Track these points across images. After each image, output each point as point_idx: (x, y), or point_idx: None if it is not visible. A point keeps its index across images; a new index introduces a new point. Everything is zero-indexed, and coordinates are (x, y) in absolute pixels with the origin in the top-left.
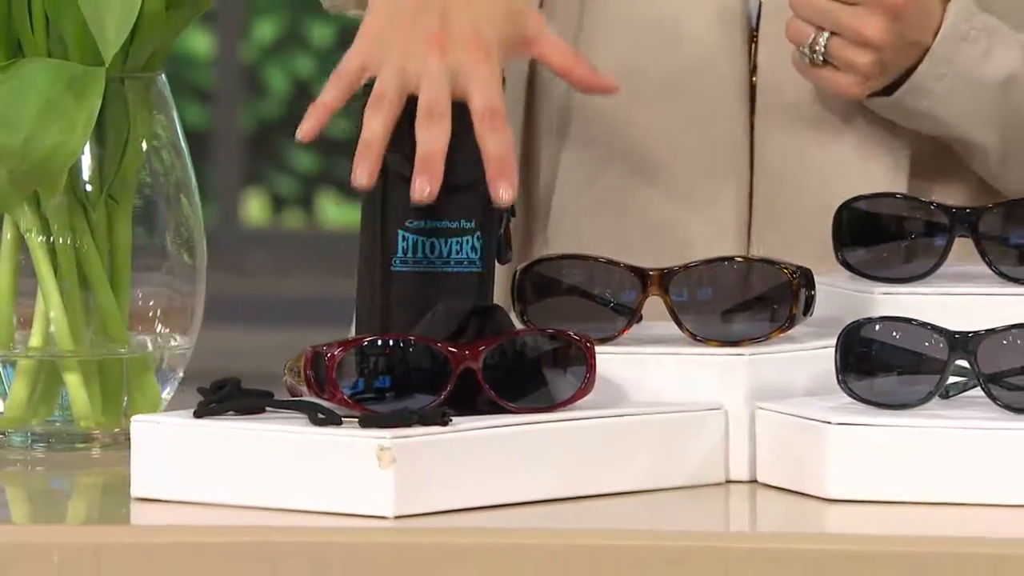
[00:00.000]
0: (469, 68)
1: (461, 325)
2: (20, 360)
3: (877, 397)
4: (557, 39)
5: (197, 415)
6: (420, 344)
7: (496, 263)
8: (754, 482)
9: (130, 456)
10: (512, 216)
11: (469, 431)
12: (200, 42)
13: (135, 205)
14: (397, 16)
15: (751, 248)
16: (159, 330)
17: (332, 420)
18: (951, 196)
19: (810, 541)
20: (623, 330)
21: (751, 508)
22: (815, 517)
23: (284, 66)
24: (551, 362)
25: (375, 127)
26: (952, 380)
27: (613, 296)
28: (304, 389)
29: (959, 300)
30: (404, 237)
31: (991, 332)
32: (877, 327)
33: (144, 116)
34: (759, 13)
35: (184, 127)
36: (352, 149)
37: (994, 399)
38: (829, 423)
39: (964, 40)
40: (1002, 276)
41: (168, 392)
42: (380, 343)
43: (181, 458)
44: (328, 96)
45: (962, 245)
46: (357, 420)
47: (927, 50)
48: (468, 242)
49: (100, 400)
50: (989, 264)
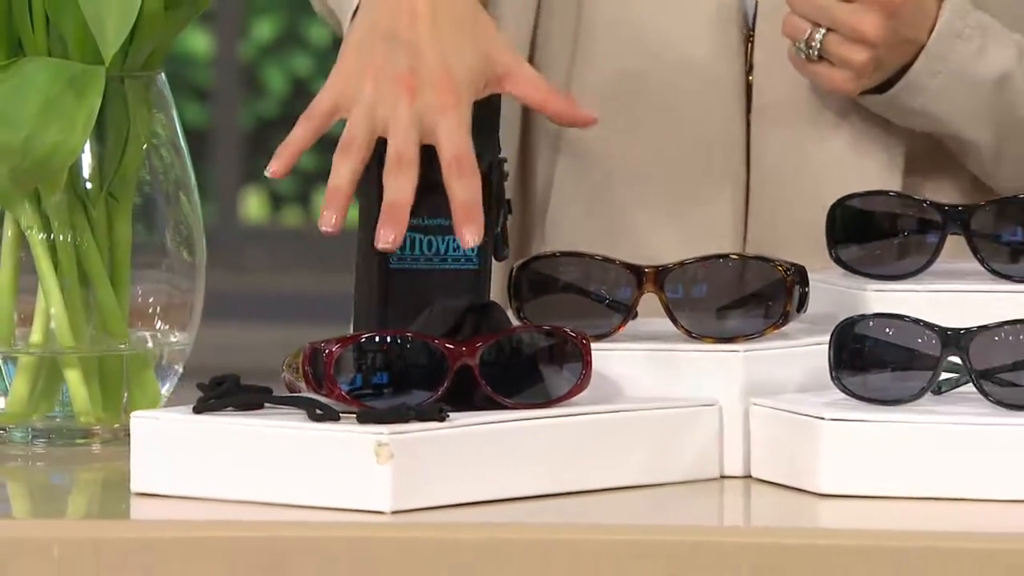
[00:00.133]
0: (438, 114)
1: (458, 322)
2: (21, 356)
3: (870, 393)
4: (530, 74)
5: (196, 411)
6: (417, 340)
7: (493, 260)
8: (748, 477)
9: (130, 451)
10: (509, 214)
11: (466, 427)
12: (199, 41)
13: (135, 203)
14: (368, 53)
15: (746, 245)
16: (159, 327)
17: (330, 416)
18: (945, 193)
19: (804, 536)
20: (619, 327)
21: (745, 503)
22: (809, 512)
23: (282, 65)
24: (547, 358)
25: (343, 173)
26: (944, 376)
27: (609, 293)
28: (302, 385)
29: (951, 297)
30: None
31: (983, 329)
32: (870, 324)
33: (144, 115)
34: (755, 12)
35: (183, 126)
36: None
37: (986, 395)
38: (823, 419)
39: (959, 38)
40: (994, 273)
41: (168, 388)
42: (378, 340)
43: (180, 453)
44: (296, 136)
45: (954, 242)
46: (355, 416)
47: (922, 47)
48: None
49: (100, 396)
50: (981, 261)
